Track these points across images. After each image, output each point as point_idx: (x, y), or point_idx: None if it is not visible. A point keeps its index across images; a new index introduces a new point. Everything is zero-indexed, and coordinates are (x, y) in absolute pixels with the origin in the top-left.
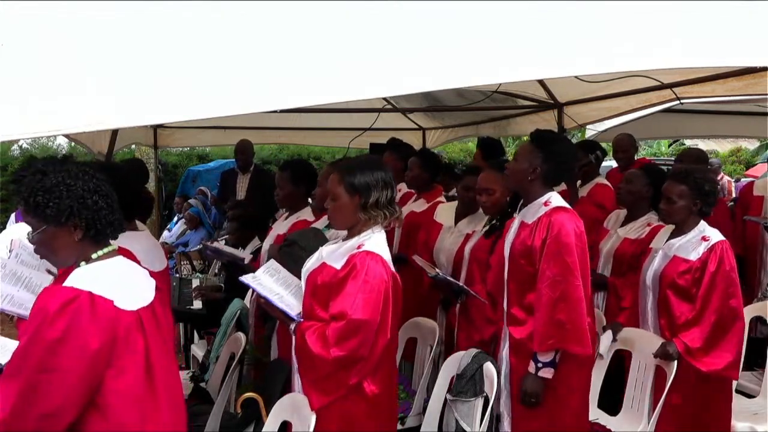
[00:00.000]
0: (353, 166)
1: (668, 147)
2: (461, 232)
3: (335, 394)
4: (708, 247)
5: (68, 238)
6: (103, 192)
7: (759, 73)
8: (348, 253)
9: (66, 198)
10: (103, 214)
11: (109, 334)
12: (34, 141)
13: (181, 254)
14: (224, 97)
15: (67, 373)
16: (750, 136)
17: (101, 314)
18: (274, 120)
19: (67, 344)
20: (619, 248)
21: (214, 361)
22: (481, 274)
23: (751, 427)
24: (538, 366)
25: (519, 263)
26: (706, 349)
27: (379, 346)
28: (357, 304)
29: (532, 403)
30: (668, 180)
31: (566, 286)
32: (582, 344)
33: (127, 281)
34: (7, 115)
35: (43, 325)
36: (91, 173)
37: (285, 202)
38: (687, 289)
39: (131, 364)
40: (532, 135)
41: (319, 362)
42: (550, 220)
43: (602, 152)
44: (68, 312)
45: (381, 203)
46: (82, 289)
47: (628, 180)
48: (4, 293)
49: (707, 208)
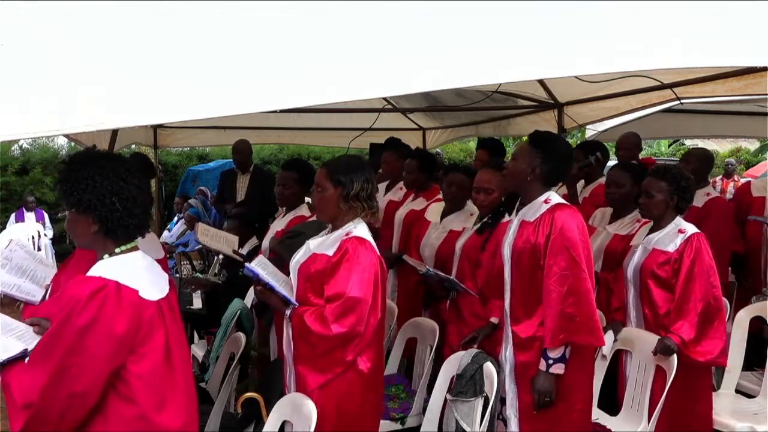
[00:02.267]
0: (339, 163)
1: (668, 147)
2: (445, 228)
3: (332, 372)
4: (684, 239)
5: (86, 228)
6: (124, 195)
7: (759, 73)
8: (338, 240)
9: (88, 192)
10: (116, 216)
11: (135, 322)
12: (34, 141)
13: (181, 254)
14: (224, 97)
15: (95, 356)
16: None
17: (127, 302)
18: (274, 120)
19: (96, 329)
20: (609, 245)
21: (214, 361)
22: (472, 271)
23: (751, 427)
24: (549, 363)
25: (522, 262)
26: (698, 339)
27: (372, 324)
28: (352, 284)
29: (546, 402)
30: (648, 176)
31: (573, 279)
32: (594, 335)
33: (147, 273)
34: (7, 115)
35: (74, 311)
36: (123, 176)
37: (288, 201)
38: (667, 280)
39: (152, 351)
40: (530, 136)
41: (320, 340)
42: (553, 216)
43: (604, 153)
44: (97, 299)
45: (361, 196)
46: (110, 279)
47: (617, 183)
48: (11, 283)
49: (683, 203)
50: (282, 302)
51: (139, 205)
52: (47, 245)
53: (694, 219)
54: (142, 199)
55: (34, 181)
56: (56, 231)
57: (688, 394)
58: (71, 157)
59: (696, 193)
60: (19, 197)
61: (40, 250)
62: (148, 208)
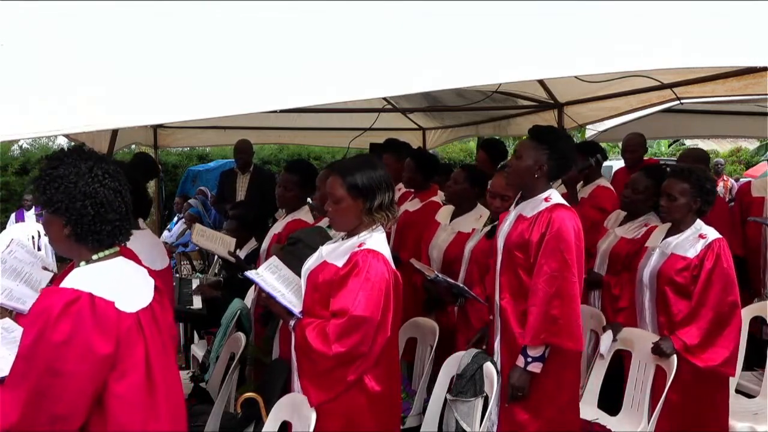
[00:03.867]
0: (354, 168)
1: (668, 147)
2: (453, 230)
3: (334, 390)
4: (706, 245)
5: (59, 230)
6: (98, 199)
7: (759, 73)
8: (349, 251)
9: (60, 193)
10: (86, 221)
11: (114, 337)
12: (34, 141)
13: (181, 254)
14: (224, 97)
15: (75, 376)
16: (750, 136)
17: (103, 316)
18: (274, 120)
19: (72, 347)
20: (615, 247)
21: (214, 361)
22: (480, 276)
23: (751, 427)
24: (527, 360)
25: (513, 255)
26: (704, 346)
27: (379, 344)
28: (359, 301)
29: (518, 396)
30: (669, 177)
31: (562, 282)
32: (574, 340)
33: (126, 282)
34: (7, 115)
35: (47, 326)
36: (101, 178)
37: (289, 203)
38: (685, 286)
39: (132, 366)
40: (532, 131)
41: (320, 358)
42: (551, 216)
43: (602, 154)
44: (71, 313)
45: (384, 205)
46: (82, 291)
47: (634, 187)
48: (3, 287)
49: (706, 206)
50: (285, 312)
51: (114, 211)
52: (47, 245)
53: None
54: (118, 205)
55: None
56: None
57: (704, 398)
58: (52, 153)
59: None
60: (19, 197)
61: (40, 250)
62: (126, 215)
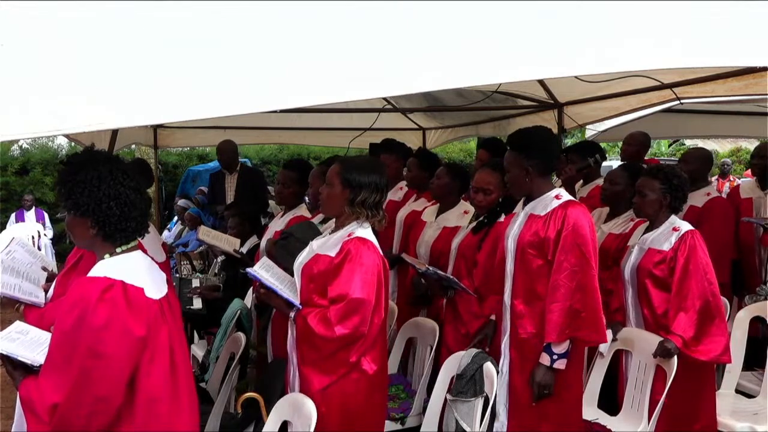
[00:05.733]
0: (354, 164)
1: (668, 147)
2: (439, 225)
3: (337, 373)
4: (678, 237)
5: (85, 230)
6: (122, 200)
7: (759, 73)
8: (341, 241)
9: (86, 196)
10: (113, 220)
11: (146, 321)
12: (34, 141)
13: (181, 254)
14: (224, 97)
15: (114, 358)
16: (750, 136)
17: (135, 301)
18: (274, 120)
19: (111, 330)
20: (604, 243)
21: (214, 361)
22: (468, 270)
23: (751, 427)
24: (553, 358)
25: (528, 255)
26: (700, 337)
27: (376, 324)
28: (355, 285)
29: (545, 394)
30: (641, 176)
31: (582, 276)
32: (598, 332)
33: (148, 272)
34: (7, 115)
35: (86, 313)
36: (121, 179)
37: (287, 200)
38: (663, 279)
39: (160, 349)
40: (507, 143)
41: (323, 342)
42: (566, 212)
43: (602, 154)
44: (107, 299)
45: (367, 204)
46: (115, 279)
47: (611, 180)
48: (12, 283)
49: (677, 202)
50: (286, 304)
51: (136, 209)
52: (47, 245)
53: (694, 219)
54: (139, 203)
55: (34, 181)
56: (56, 231)
57: (692, 394)
58: (69, 158)
59: (696, 192)
60: (19, 197)
61: (40, 249)
62: (145, 211)
